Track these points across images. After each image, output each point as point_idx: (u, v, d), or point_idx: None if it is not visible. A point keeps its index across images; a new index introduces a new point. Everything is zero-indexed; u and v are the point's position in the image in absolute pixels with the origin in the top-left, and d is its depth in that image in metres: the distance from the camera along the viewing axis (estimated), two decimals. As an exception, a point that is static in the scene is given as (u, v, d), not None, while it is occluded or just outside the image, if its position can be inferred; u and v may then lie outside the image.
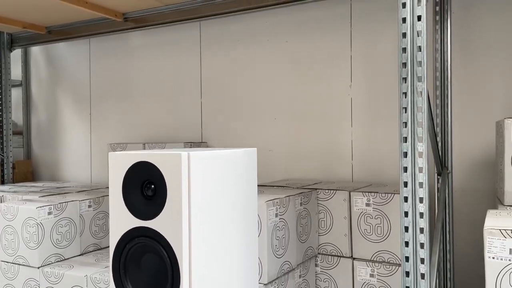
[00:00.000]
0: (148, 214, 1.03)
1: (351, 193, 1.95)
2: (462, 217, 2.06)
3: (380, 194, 1.88)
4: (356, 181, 2.35)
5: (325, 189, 2.00)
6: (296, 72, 2.51)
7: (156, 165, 1.00)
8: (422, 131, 1.27)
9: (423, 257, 1.29)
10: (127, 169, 1.08)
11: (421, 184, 1.29)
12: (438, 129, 1.95)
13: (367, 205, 1.91)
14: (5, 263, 2.04)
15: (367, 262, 1.90)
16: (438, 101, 1.95)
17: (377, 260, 1.89)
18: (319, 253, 2.00)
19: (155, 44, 2.96)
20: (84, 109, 3.27)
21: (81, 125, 3.29)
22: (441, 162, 1.92)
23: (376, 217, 1.89)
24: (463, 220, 2.06)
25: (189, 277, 0.99)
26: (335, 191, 1.98)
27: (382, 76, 2.28)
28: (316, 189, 2.02)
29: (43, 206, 1.99)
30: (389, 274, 1.86)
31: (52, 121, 3.43)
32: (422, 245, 1.30)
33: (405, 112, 1.29)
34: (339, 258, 1.96)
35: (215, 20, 2.72)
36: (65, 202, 2.10)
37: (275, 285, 1.66)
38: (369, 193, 1.90)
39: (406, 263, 1.31)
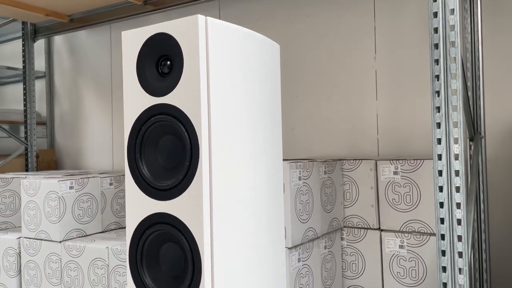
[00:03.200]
0: (165, 89, 0.96)
1: (378, 162, 1.87)
2: (496, 187, 1.95)
3: (408, 161, 1.80)
4: (382, 155, 2.26)
5: (350, 159, 1.93)
6: (318, 47, 2.45)
7: (170, 33, 0.95)
8: (457, 99, 1.19)
9: (460, 234, 1.21)
10: (140, 45, 1.02)
11: (456, 156, 1.21)
12: (469, 93, 1.85)
13: (395, 173, 1.83)
14: (27, 239, 2.04)
15: (396, 233, 1.82)
16: (469, 65, 1.86)
17: (407, 230, 1.80)
18: (345, 226, 1.93)
19: (175, 28, 2.95)
20: (105, 97, 3.28)
21: (103, 114, 3.30)
22: (473, 126, 1.82)
23: (404, 186, 1.80)
24: (496, 190, 1.95)
25: (208, 153, 0.92)
26: (360, 160, 1.90)
27: (407, 46, 2.20)
28: (340, 159, 1.95)
29: (64, 180, 1.98)
30: (420, 245, 1.76)
31: (74, 111, 3.45)
32: (459, 222, 1.21)
33: (438, 80, 1.22)
34: (366, 230, 1.88)
35: (234, -1, 2.69)
36: (86, 178, 2.09)
37: (300, 250, 1.59)
38: (397, 161, 1.82)
39: (442, 241, 1.23)
